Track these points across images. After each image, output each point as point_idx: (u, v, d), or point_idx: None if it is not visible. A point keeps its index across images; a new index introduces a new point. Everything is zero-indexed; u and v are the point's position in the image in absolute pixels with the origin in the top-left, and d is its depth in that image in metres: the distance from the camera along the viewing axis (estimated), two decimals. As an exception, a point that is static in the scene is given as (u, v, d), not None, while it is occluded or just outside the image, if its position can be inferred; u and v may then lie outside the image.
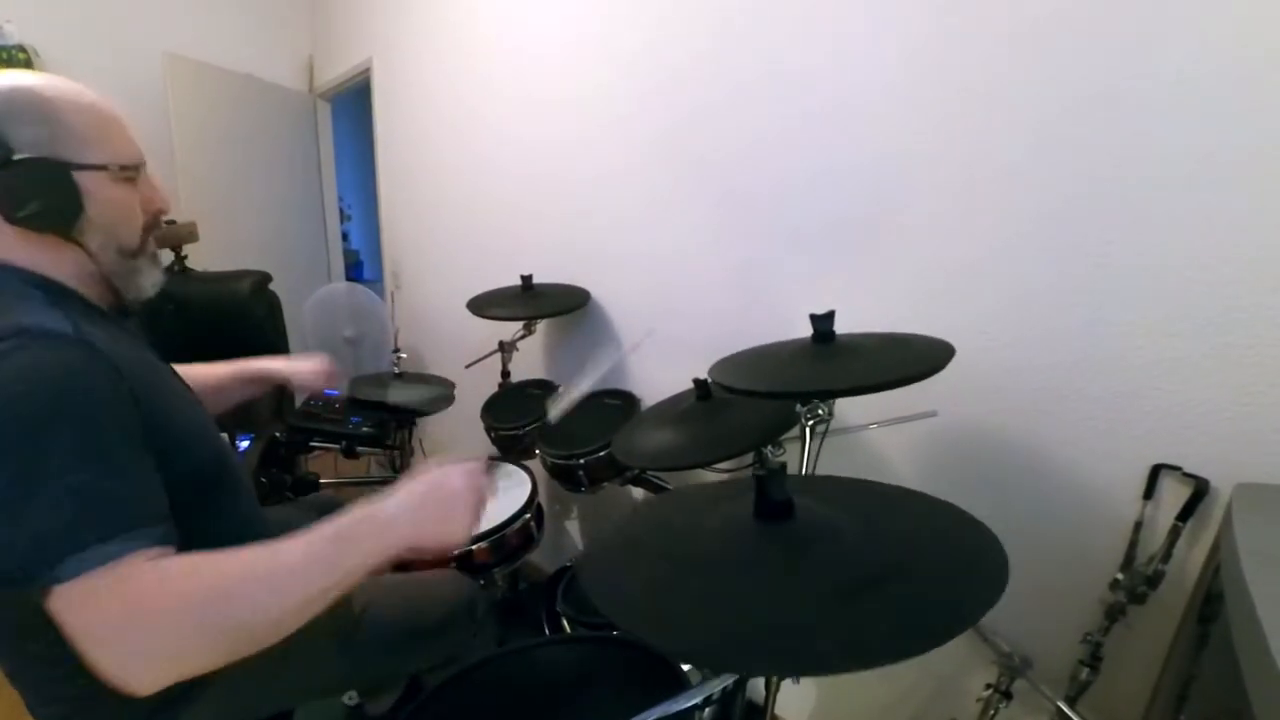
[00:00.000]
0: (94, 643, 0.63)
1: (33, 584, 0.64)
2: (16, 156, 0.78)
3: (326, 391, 2.79)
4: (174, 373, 1.01)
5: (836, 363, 1.10)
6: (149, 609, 0.64)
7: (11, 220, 0.80)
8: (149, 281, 0.95)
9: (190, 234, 2.80)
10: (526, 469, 1.82)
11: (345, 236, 4.75)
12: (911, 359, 1.05)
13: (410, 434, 2.75)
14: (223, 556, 0.69)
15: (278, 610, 0.69)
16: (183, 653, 0.66)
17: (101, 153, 0.85)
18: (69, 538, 0.64)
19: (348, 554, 0.74)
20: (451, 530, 0.82)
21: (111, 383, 0.74)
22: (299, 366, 1.30)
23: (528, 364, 2.38)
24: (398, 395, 2.33)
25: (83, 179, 0.83)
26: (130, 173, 0.89)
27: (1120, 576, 1.10)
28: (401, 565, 1.52)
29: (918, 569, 0.69)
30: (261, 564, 0.71)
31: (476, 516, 0.85)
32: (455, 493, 0.84)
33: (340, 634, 1.05)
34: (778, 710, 1.13)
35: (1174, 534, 1.05)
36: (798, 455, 1.18)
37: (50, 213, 0.82)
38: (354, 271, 5.30)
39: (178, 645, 0.65)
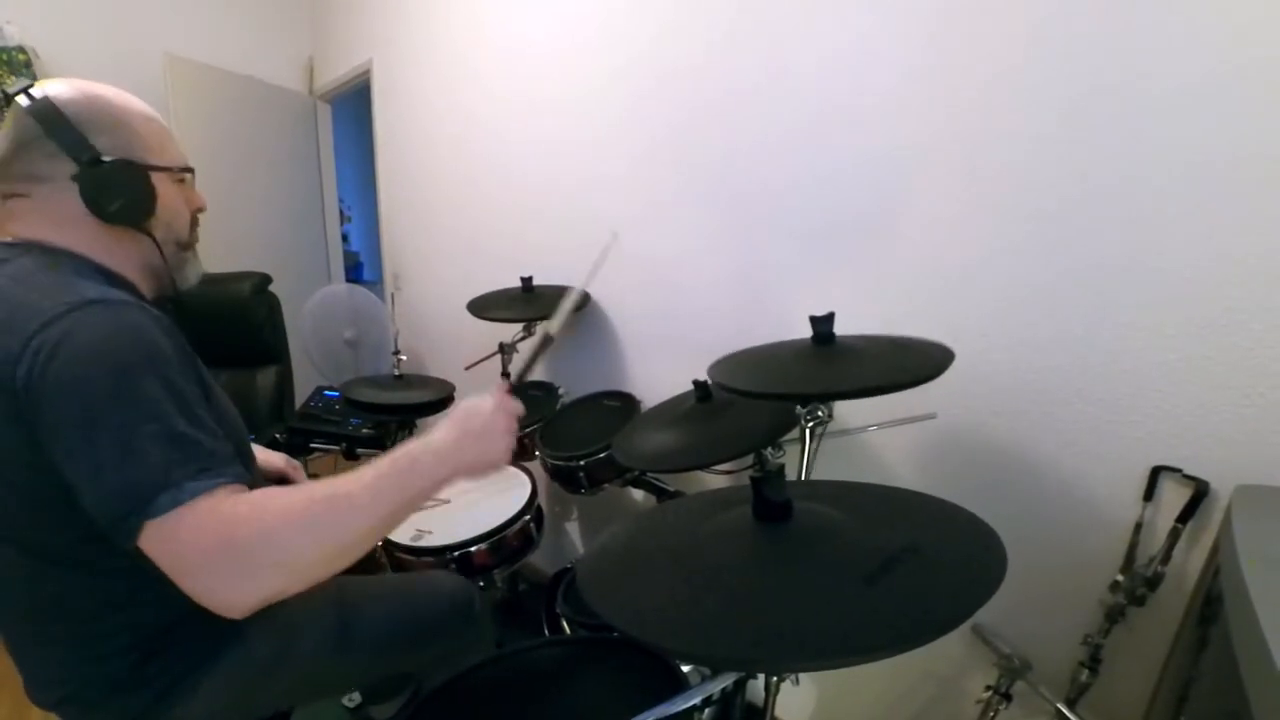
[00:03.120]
0: (190, 570, 0.70)
1: (127, 524, 0.70)
2: (106, 159, 0.86)
3: (326, 393, 2.80)
4: None
5: (836, 365, 1.10)
6: (241, 534, 0.70)
7: (102, 215, 0.87)
8: (195, 272, 1.07)
9: (190, 235, 2.80)
10: (526, 470, 1.82)
11: (345, 238, 4.75)
12: (912, 362, 1.05)
13: (410, 435, 2.75)
14: (302, 486, 0.77)
15: (354, 532, 0.76)
16: (271, 574, 0.71)
17: (164, 157, 0.95)
18: (161, 477, 0.70)
19: (411, 483, 0.81)
20: (493, 450, 0.89)
21: (175, 343, 0.82)
22: (268, 458, 1.32)
23: (528, 365, 2.38)
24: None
25: (154, 179, 0.92)
26: (185, 174, 1.00)
27: (1120, 578, 1.10)
28: (398, 565, 1.53)
29: (916, 563, 0.69)
30: (339, 490, 0.77)
31: (512, 435, 0.91)
32: (488, 418, 0.89)
33: (336, 630, 1.05)
34: (778, 712, 1.13)
35: (1174, 536, 1.05)
36: (797, 457, 1.18)
37: (134, 209, 0.90)
38: (354, 273, 5.29)
39: (266, 566, 0.71)
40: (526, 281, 2.09)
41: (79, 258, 0.87)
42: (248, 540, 0.71)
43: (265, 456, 1.29)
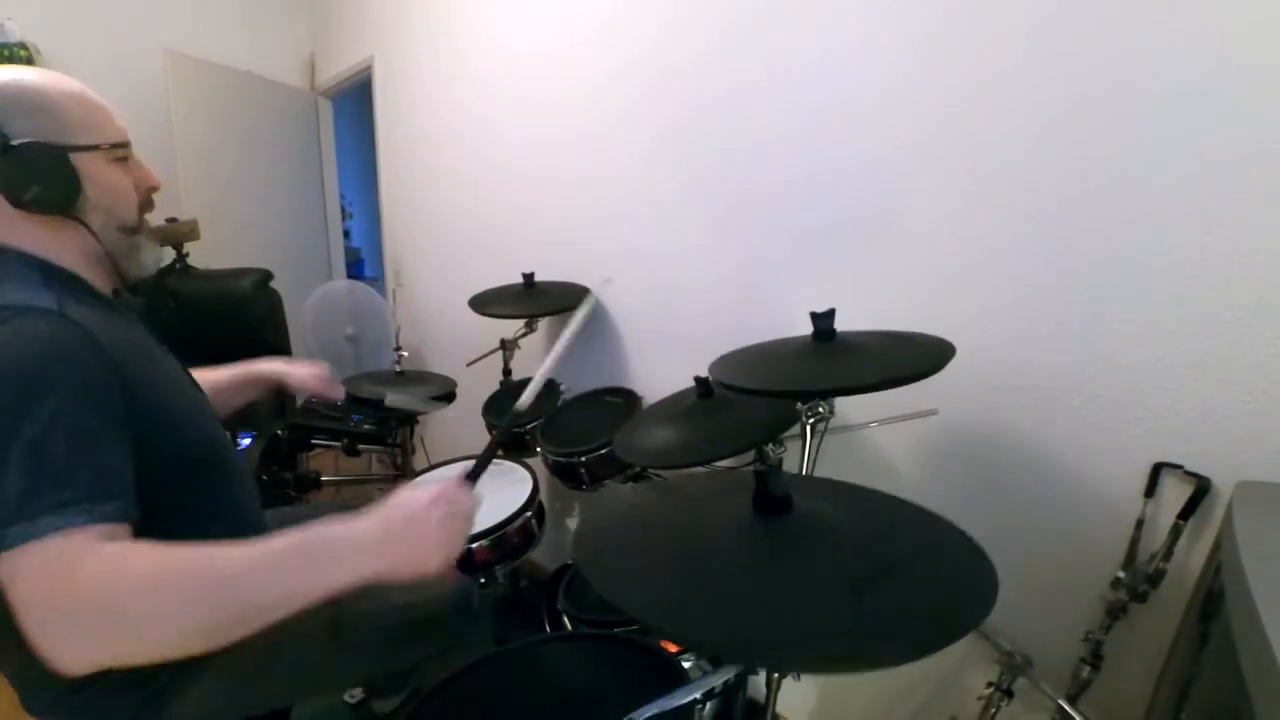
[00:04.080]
0: (28, 613, 0.63)
1: None
2: (15, 142, 0.81)
3: (331, 396, 2.79)
4: (173, 360, 1.03)
5: (837, 361, 1.10)
6: (83, 588, 0.63)
7: (18, 204, 0.82)
8: (150, 257, 0.98)
9: (191, 232, 2.80)
10: (528, 467, 1.82)
11: (346, 234, 4.75)
12: (913, 357, 1.05)
13: (411, 432, 2.76)
14: (173, 551, 0.67)
15: (213, 615, 0.67)
16: (110, 638, 0.64)
17: (93, 134, 0.88)
18: (22, 505, 0.65)
19: (304, 573, 0.71)
20: (424, 560, 0.75)
21: (92, 357, 0.76)
22: (297, 369, 1.30)
23: (529, 362, 2.38)
24: (394, 398, 2.31)
25: (79, 160, 0.86)
26: (122, 151, 0.92)
27: (1122, 575, 1.10)
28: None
29: (915, 569, 0.70)
30: (209, 565, 0.68)
31: (455, 541, 0.79)
32: (428, 521, 0.77)
33: (334, 628, 1.05)
34: (779, 708, 1.13)
35: (1175, 532, 1.05)
36: (798, 453, 1.18)
37: (52, 194, 0.84)
38: (355, 269, 5.30)
39: (106, 630, 0.64)
40: (528, 278, 2.09)
41: (17, 253, 0.84)
42: (89, 597, 0.63)
43: (228, 373, 1.24)
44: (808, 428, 1.14)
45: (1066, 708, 1.12)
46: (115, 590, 0.64)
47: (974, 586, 0.68)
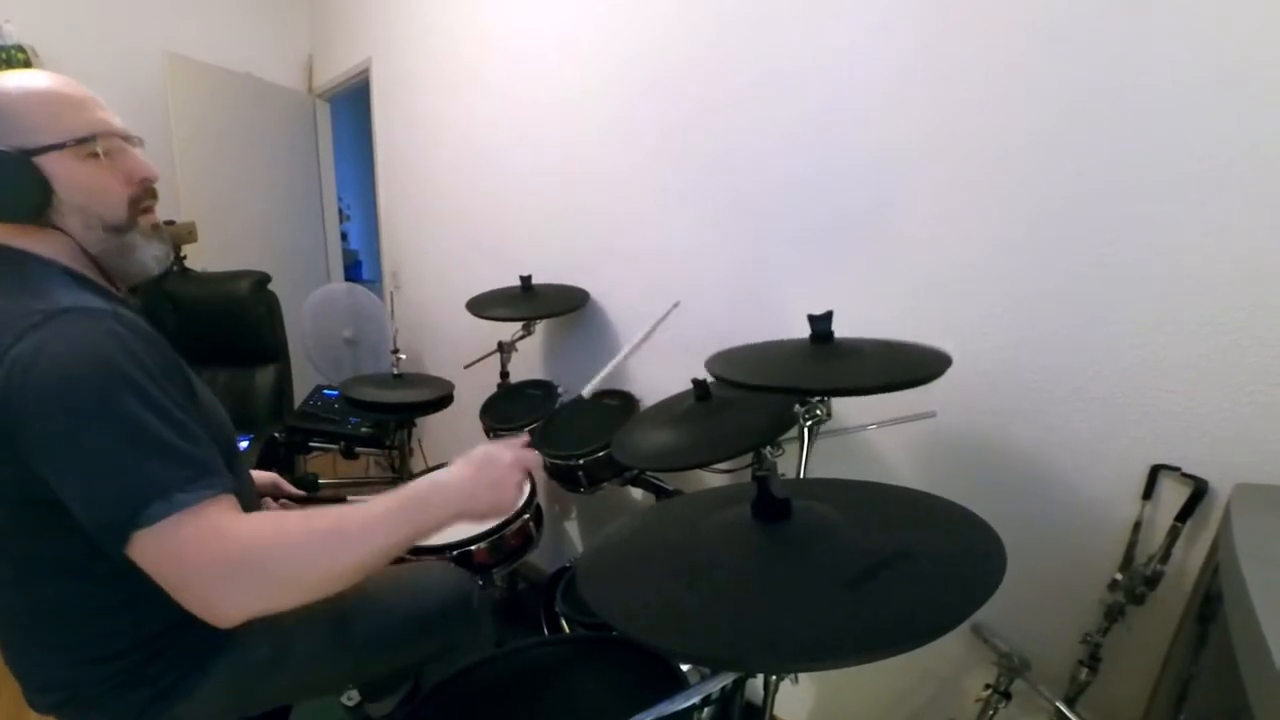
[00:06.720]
0: (189, 580, 0.71)
1: (119, 532, 0.70)
2: None
3: (325, 392, 2.80)
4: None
5: (834, 363, 1.10)
6: (241, 550, 0.71)
7: None
8: (150, 256, 0.93)
9: (189, 234, 2.80)
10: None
11: (344, 237, 4.74)
12: (910, 363, 1.05)
13: (409, 434, 2.75)
14: (307, 513, 0.78)
15: (350, 563, 0.77)
16: (267, 591, 0.73)
17: (55, 133, 0.83)
18: (153, 486, 0.70)
19: (418, 520, 0.83)
20: (503, 500, 0.91)
21: (154, 351, 0.80)
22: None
23: (527, 364, 2.38)
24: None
25: (44, 163, 0.82)
26: (90, 145, 0.85)
27: (1119, 577, 1.10)
28: (395, 561, 1.53)
29: (914, 563, 0.69)
30: (344, 524, 0.78)
31: (522, 488, 0.95)
32: (504, 468, 0.92)
33: (334, 626, 1.05)
34: (776, 711, 1.13)
35: (1173, 534, 1.05)
36: (795, 457, 1.18)
37: (17, 202, 0.81)
38: (353, 272, 5.29)
39: (265, 583, 0.72)
40: (525, 280, 2.09)
41: (36, 257, 0.83)
42: (240, 557, 0.71)
43: (256, 476, 1.26)
44: (805, 429, 1.14)
45: (1064, 710, 1.12)
46: (273, 548, 0.73)
47: (980, 563, 0.68)
